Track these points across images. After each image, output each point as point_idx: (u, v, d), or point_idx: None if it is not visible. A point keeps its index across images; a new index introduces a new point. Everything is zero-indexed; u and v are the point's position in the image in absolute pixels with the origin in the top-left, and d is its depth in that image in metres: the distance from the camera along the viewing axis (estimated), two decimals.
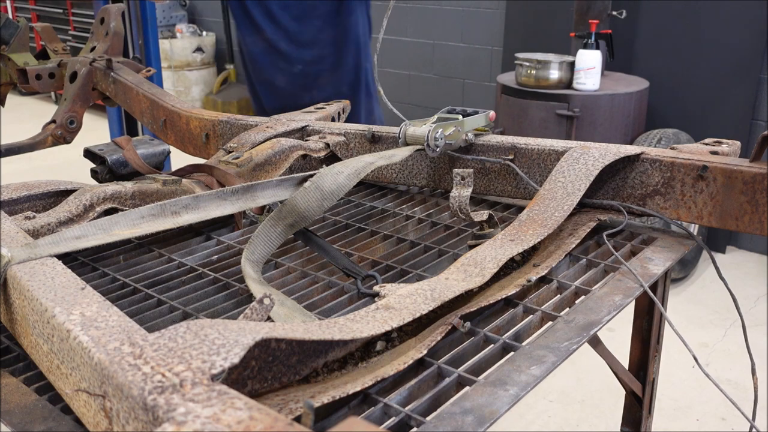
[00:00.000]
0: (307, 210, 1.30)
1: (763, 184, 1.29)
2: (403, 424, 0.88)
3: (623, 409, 1.59)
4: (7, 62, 2.70)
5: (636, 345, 1.51)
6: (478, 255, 1.21)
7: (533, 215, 1.32)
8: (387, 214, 1.59)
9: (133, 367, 0.76)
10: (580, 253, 1.33)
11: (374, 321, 1.00)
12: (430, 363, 0.99)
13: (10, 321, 1.04)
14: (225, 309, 1.19)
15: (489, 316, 1.13)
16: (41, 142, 2.43)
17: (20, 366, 1.05)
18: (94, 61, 2.45)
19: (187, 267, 1.34)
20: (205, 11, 6.74)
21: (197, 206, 1.28)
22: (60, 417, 0.92)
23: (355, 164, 1.36)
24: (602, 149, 1.43)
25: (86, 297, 0.94)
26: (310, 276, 1.29)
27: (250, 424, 0.64)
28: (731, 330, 3.30)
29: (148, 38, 3.91)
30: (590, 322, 1.09)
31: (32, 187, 1.42)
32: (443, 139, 1.51)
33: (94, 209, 1.39)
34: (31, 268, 1.03)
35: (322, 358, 0.97)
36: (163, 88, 2.47)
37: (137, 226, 1.21)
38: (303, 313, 1.11)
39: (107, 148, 1.67)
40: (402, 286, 1.13)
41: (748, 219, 1.31)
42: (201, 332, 0.82)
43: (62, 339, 0.87)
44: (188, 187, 1.50)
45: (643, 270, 1.26)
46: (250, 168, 1.60)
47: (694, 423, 2.71)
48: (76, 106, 2.45)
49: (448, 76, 5.12)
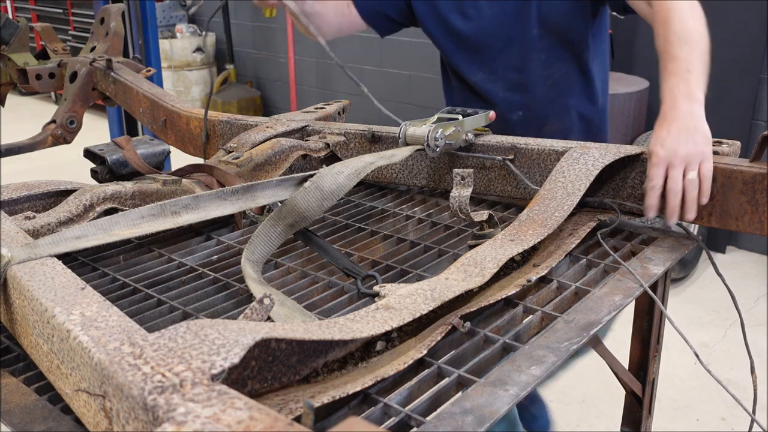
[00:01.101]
0: (307, 210, 1.30)
1: (763, 184, 1.29)
2: (403, 424, 0.88)
3: (623, 409, 1.59)
4: (7, 62, 2.70)
5: (636, 345, 1.51)
6: (478, 255, 1.21)
7: (533, 215, 1.32)
8: (387, 214, 1.59)
9: (133, 367, 0.76)
10: (580, 253, 1.33)
11: (374, 321, 1.00)
12: (430, 363, 0.99)
13: (10, 321, 1.04)
14: (225, 309, 1.19)
15: (489, 316, 1.13)
16: (41, 142, 2.43)
17: (20, 366, 1.05)
18: (94, 61, 2.45)
19: (187, 267, 1.34)
20: (205, 11, 6.74)
21: (197, 206, 1.28)
22: (60, 417, 0.92)
23: (355, 164, 1.36)
24: (602, 149, 1.43)
25: (86, 297, 0.94)
26: (310, 276, 1.29)
27: (250, 424, 0.64)
28: (731, 330, 3.30)
29: (148, 38, 3.91)
30: (590, 322, 1.09)
31: (32, 187, 1.42)
32: (443, 139, 1.50)
33: (94, 209, 1.39)
34: (31, 268, 1.03)
35: (322, 358, 0.97)
36: (163, 88, 2.47)
37: (137, 226, 1.21)
38: (303, 313, 1.11)
39: (107, 148, 1.67)
40: (402, 286, 1.13)
41: (748, 219, 1.31)
42: (201, 332, 0.82)
43: (62, 339, 0.87)
44: (188, 187, 1.50)
45: (643, 270, 1.26)
46: (250, 168, 1.60)
47: (694, 423, 2.71)
48: (76, 106, 2.45)
49: None
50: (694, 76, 1.36)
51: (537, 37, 1.80)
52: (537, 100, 1.86)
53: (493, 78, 1.87)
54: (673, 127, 1.31)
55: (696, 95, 1.34)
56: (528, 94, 1.86)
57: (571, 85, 1.85)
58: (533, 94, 1.85)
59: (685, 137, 1.29)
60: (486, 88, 1.88)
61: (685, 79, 1.36)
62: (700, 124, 1.31)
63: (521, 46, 1.82)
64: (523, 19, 1.80)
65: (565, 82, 1.85)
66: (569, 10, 1.79)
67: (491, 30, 1.83)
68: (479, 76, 1.89)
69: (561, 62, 1.83)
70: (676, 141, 1.29)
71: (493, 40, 1.84)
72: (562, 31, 1.80)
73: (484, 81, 1.88)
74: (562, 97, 1.85)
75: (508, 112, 1.85)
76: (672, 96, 1.35)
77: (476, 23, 1.84)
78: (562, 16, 1.79)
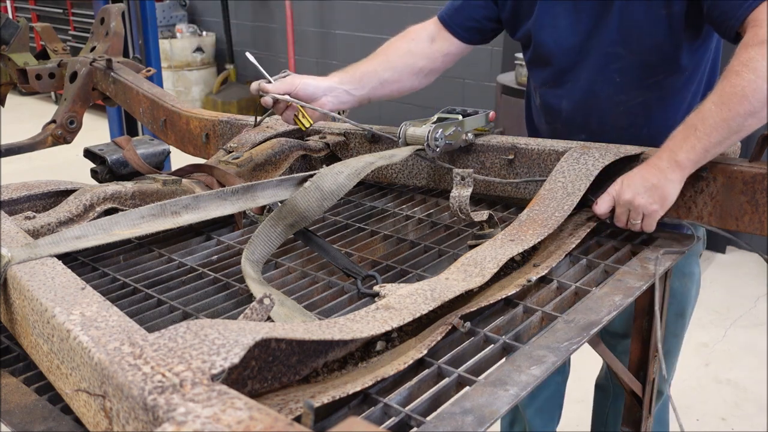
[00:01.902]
0: (307, 210, 1.30)
1: (763, 184, 1.29)
2: (403, 424, 0.88)
3: (623, 409, 1.59)
4: (7, 62, 2.70)
5: (636, 345, 1.51)
6: (478, 255, 1.21)
7: (533, 215, 1.32)
8: (387, 214, 1.59)
9: (133, 367, 0.76)
10: (580, 253, 1.33)
11: (374, 321, 1.00)
12: (430, 363, 0.99)
13: (10, 321, 1.04)
14: (225, 309, 1.19)
15: (489, 316, 1.13)
16: (41, 142, 2.44)
17: (20, 366, 1.05)
18: (94, 61, 2.45)
19: (187, 267, 1.34)
20: (205, 11, 6.74)
21: (197, 206, 1.28)
22: (60, 417, 0.92)
23: (355, 164, 1.36)
24: (602, 149, 1.43)
25: (86, 297, 0.94)
26: (310, 276, 1.29)
27: (250, 424, 0.64)
28: (731, 330, 3.30)
29: (148, 38, 3.91)
30: (590, 322, 1.09)
31: (32, 187, 1.42)
32: (443, 139, 1.51)
33: (94, 209, 1.39)
34: (31, 268, 1.03)
35: (322, 358, 0.97)
36: (163, 88, 2.47)
37: (137, 226, 1.21)
38: (303, 313, 1.11)
39: (107, 148, 1.67)
40: (402, 286, 1.13)
41: (748, 219, 1.31)
42: (201, 332, 0.82)
43: (62, 339, 0.87)
44: (188, 187, 1.50)
45: (643, 270, 1.26)
46: (250, 168, 1.61)
47: (694, 423, 2.71)
48: (76, 106, 2.46)
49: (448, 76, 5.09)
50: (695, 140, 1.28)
51: (612, 56, 1.55)
52: (603, 126, 1.61)
53: (559, 93, 1.64)
54: (643, 172, 1.33)
55: (680, 160, 1.29)
56: (593, 118, 1.61)
57: (649, 115, 1.57)
58: (600, 119, 1.61)
59: (644, 189, 1.31)
60: (551, 102, 1.67)
61: (685, 138, 1.29)
62: (665, 184, 1.30)
63: (592, 63, 1.58)
64: (599, 34, 1.55)
65: (640, 110, 1.58)
66: (656, 29, 1.49)
67: (562, 40, 1.59)
68: (545, 89, 1.68)
69: (638, 89, 1.56)
70: (635, 187, 1.31)
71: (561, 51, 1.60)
72: (644, 52, 1.52)
73: (551, 95, 1.67)
74: (634, 128, 1.56)
75: (572, 134, 1.62)
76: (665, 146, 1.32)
77: (549, 32, 1.61)
78: (646, 34, 1.50)
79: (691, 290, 1.73)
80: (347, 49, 5.57)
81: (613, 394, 1.91)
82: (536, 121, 1.76)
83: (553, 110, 1.67)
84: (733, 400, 2.80)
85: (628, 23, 1.51)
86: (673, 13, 1.47)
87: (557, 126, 1.66)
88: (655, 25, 1.49)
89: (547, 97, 1.68)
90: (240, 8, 6.38)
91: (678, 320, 1.73)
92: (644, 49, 1.52)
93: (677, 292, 1.69)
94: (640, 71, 1.55)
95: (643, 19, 1.49)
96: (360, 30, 5.45)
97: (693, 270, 1.72)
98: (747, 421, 2.69)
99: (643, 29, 1.50)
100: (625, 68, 1.55)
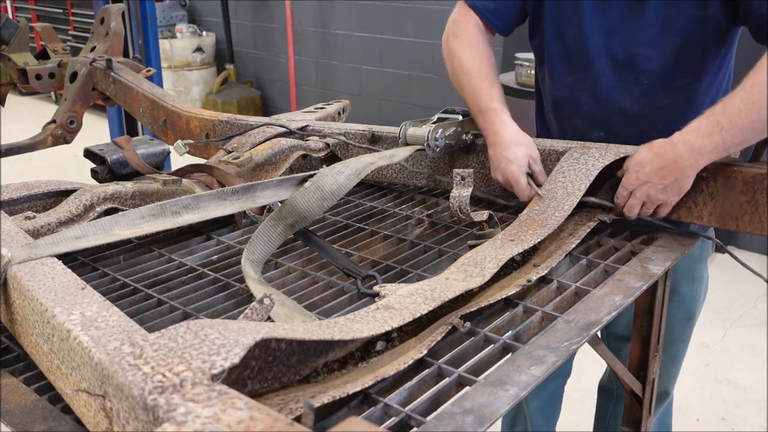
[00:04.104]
0: (307, 210, 1.30)
1: (763, 184, 1.28)
2: (403, 424, 0.88)
3: (623, 409, 1.59)
4: (7, 62, 2.70)
5: (636, 345, 1.51)
6: (478, 255, 1.21)
7: (533, 215, 1.32)
8: (387, 214, 1.59)
9: (133, 367, 0.76)
10: (580, 253, 1.33)
11: (374, 321, 1.00)
12: (430, 363, 0.99)
13: (10, 321, 1.04)
14: (225, 309, 1.19)
15: (489, 316, 1.13)
16: (41, 142, 2.43)
17: (20, 366, 1.05)
18: (94, 61, 2.45)
19: (187, 267, 1.34)
20: (205, 11, 6.74)
21: (197, 206, 1.28)
22: (60, 417, 0.92)
23: (355, 164, 1.36)
24: (602, 149, 1.43)
25: (86, 297, 0.94)
26: (310, 276, 1.29)
27: (250, 424, 0.64)
28: (731, 330, 3.30)
29: (148, 38, 3.91)
30: (590, 322, 1.09)
31: (32, 187, 1.42)
32: (443, 139, 1.50)
33: (94, 209, 1.39)
34: (31, 268, 1.03)
35: (322, 358, 0.97)
36: (163, 88, 2.47)
37: (137, 226, 1.21)
38: (303, 313, 1.11)
39: (107, 148, 1.66)
40: (402, 286, 1.13)
41: (748, 219, 1.31)
42: (201, 332, 0.82)
43: (62, 339, 0.87)
44: (188, 187, 1.50)
45: (643, 270, 1.26)
46: (250, 168, 1.61)
47: (694, 423, 2.71)
48: (76, 106, 2.45)
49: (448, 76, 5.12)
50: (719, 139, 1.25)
51: (642, 57, 1.49)
52: (623, 126, 1.56)
53: (580, 87, 1.57)
54: (658, 163, 1.31)
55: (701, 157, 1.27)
56: (614, 117, 1.56)
57: (672, 118, 1.45)
58: (622, 118, 1.55)
59: (662, 186, 1.31)
60: (573, 97, 1.59)
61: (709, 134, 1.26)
62: (682, 180, 1.30)
63: (620, 62, 1.51)
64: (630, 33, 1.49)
65: (663, 114, 1.52)
66: (689, 30, 1.44)
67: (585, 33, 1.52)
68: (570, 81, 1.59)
69: (664, 92, 1.51)
70: (651, 179, 1.31)
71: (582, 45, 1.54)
72: (674, 54, 1.47)
73: (570, 88, 1.59)
74: (655, 131, 1.42)
75: (589, 129, 1.58)
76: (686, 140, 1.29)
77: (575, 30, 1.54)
78: (679, 36, 1.45)
79: (699, 295, 1.74)
80: (347, 49, 5.56)
81: (616, 396, 1.91)
82: (547, 119, 1.74)
83: (573, 106, 1.61)
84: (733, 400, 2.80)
85: (662, 24, 1.45)
86: (708, 15, 1.42)
87: (576, 122, 1.61)
88: (689, 26, 1.44)
89: (567, 92, 1.61)
90: (240, 8, 6.38)
91: (686, 325, 1.73)
92: (674, 51, 1.47)
93: (686, 297, 1.69)
94: (667, 73, 1.50)
95: (677, 20, 1.44)
96: (360, 30, 5.45)
97: (702, 274, 1.72)
98: (747, 421, 2.68)
99: (677, 30, 1.45)
100: (654, 70, 1.50)
